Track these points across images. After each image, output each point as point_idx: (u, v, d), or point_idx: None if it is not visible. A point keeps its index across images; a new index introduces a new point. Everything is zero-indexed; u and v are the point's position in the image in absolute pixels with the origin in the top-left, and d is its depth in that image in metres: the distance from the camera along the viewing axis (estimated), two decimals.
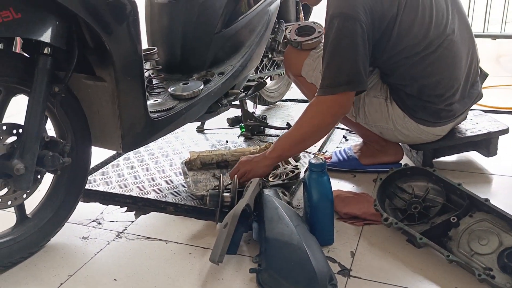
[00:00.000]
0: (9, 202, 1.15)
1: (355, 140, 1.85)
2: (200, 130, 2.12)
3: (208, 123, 2.13)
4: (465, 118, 1.57)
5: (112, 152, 1.82)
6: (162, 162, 1.79)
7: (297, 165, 1.56)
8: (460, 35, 1.36)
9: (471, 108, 1.54)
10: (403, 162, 1.58)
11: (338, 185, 1.53)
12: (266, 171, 1.43)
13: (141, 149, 1.88)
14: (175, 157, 1.84)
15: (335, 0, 1.26)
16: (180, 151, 1.89)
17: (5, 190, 1.14)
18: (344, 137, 1.93)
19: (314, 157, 1.63)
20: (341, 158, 1.63)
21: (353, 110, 1.48)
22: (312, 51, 1.53)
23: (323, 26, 1.58)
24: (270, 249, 1.09)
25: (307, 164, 1.67)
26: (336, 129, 2.01)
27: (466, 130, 1.58)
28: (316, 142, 1.43)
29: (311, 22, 1.61)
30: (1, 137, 1.10)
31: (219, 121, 2.08)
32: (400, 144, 1.60)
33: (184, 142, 1.99)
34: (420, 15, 1.27)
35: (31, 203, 1.23)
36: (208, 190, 1.36)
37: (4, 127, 1.10)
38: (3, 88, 1.14)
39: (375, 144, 1.58)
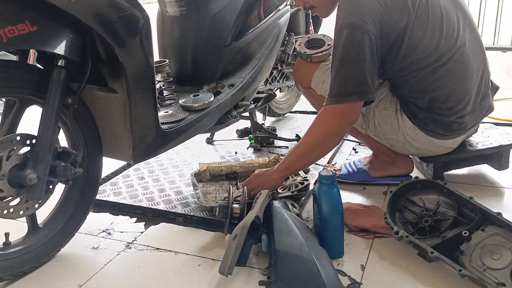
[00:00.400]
0: (21, 212, 1.16)
1: (365, 152, 1.85)
2: (210, 141, 2.13)
3: (218, 135, 2.14)
4: (476, 131, 1.56)
5: (122, 163, 1.84)
6: (172, 173, 1.80)
7: (306, 177, 1.56)
8: (471, 47, 1.36)
9: (482, 121, 1.53)
10: (413, 174, 1.57)
11: (348, 197, 1.53)
12: (276, 185, 1.43)
13: (151, 160, 1.90)
14: (184, 168, 1.84)
15: (344, 11, 1.27)
16: (189, 162, 1.90)
17: (18, 200, 1.15)
18: (354, 149, 1.93)
19: (323, 169, 1.63)
20: (350, 170, 1.62)
21: (363, 122, 1.48)
22: (322, 63, 1.53)
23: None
24: (279, 261, 1.08)
25: (317, 176, 1.68)
26: (345, 141, 2.01)
27: (477, 143, 1.57)
28: (324, 154, 1.40)
29: (321, 34, 1.62)
30: (15, 148, 1.12)
31: (228, 132, 2.09)
32: (410, 156, 1.59)
33: (194, 153, 2.00)
34: (431, 27, 1.27)
35: (42, 213, 1.24)
36: (217, 202, 1.36)
37: (18, 138, 1.12)
38: (17, 99, 1.16)
39: (385, 157, 1.57)
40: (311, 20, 2.09)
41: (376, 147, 1.58)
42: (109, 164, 1.68)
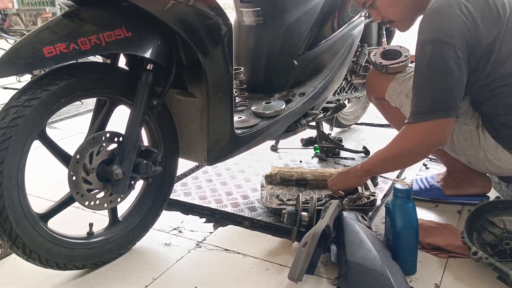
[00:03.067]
0: (105, 205, 1.23)
1: (436, 169, 1.78)
2: (274, 148, 2.15)
3: (282, 143, 2.16)
4: None
5: (190, 165, 1.90)
6: (238, 177, 1.84)
7: (374, 192, 1.52)
8: None
9: None
10: (490, 195, 1.49)
11: (420, 214, 1.43)
12: (357, 182, 1.47)
13: (218, 163, 1.94)
14: (250, 173, 1.88)
15: (426, 26, 1.23)
16: (255, 168, 1.93)
17: (102, 193, 1.23)
18: (425, 165, 1.86)
19: (392, 182, 1.59)
20: (422, 186, 1.57)
21: None
22: (398, 74, 1.51)
23: (409, 50, 1.55)
24: (351, 273, 1.07)
25: (385, 191, 1.65)
26: None
27: None
28: (405, 167, 1.41)
29: (397, 46, 1.60)
30: (104, 144, 1.20)
31: (292, 141, 2.10)
32: (488, 175, 1.52)
33: (259, 159, 2.03)
34: None
35: (121, 207, 1.31)
36: (280, 204, 1.36)
37: (108, 135, 1.20)
38: (108, 99, 1.24)
39: (461, 174, 1.51)
40: (384, 32, 2.07)
41: (451, 164, 1.52)
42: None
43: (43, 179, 1.84)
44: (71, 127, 2.67)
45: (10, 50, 1.03)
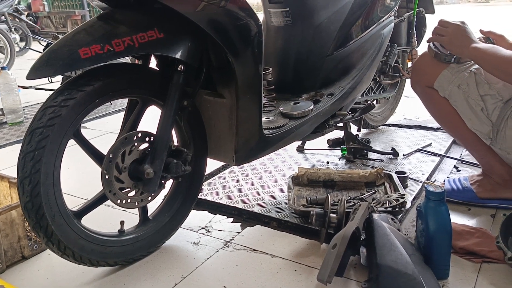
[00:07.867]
0: (136, 203, 1.25)
1: (468, 171, 1.74)
2: (300, 149, 2.14)
3: (308, 143, 2.14)
4: None
5: (217, 165, 1.91)
6: (265, 177, 1.84)
7: (403, 195, 1.50)
8: None
9: None
10: None
11: (451, 217, 1.44)
12: (464, 53, 1.36)
13: (245, 164, 1.95)
14: (276, 174, 1.87)
15: None
16: (281, 168, 1.93)
17: (133, 192, 1.25)
18: (456, 167, 1.82)
19: (422, 185, 1.55)
20: (455, 187, 1.53)
21: (492, 131, 1.37)
22: (452, 63, 1.44)
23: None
24: (382, 276, 1.06)
25: (415, 193, 1.61)
26: (446, 158, 1.91)
27: None
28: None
29: None
30: (136, 144, 1.22)
31: (318, 142, 2.09)
32: None
33: (285, 160, 2.03)
34: None
35: (150, 206, 1.33)
36: (305, 206, 1.35)
37: (140, 135, 1.22)
38: (140, 100, 1.27)
39: (497, 177, 1.46)
40: (414, 31, 2.03)
41: (490, 165, 1.46)
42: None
43: (71, 177, 1.89)
44: (100, 126, 2.73)
45: (48, 52, 1.06)
